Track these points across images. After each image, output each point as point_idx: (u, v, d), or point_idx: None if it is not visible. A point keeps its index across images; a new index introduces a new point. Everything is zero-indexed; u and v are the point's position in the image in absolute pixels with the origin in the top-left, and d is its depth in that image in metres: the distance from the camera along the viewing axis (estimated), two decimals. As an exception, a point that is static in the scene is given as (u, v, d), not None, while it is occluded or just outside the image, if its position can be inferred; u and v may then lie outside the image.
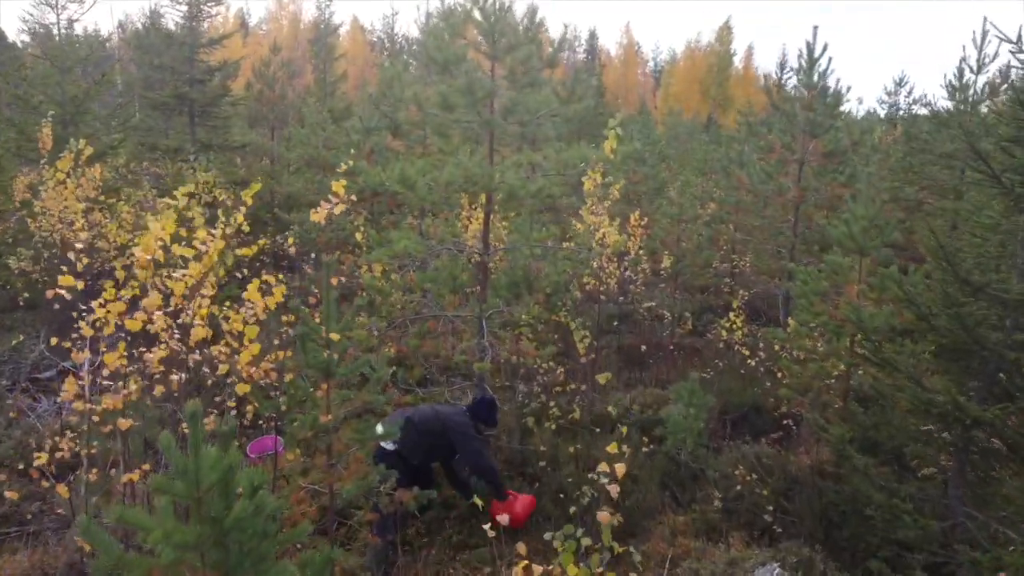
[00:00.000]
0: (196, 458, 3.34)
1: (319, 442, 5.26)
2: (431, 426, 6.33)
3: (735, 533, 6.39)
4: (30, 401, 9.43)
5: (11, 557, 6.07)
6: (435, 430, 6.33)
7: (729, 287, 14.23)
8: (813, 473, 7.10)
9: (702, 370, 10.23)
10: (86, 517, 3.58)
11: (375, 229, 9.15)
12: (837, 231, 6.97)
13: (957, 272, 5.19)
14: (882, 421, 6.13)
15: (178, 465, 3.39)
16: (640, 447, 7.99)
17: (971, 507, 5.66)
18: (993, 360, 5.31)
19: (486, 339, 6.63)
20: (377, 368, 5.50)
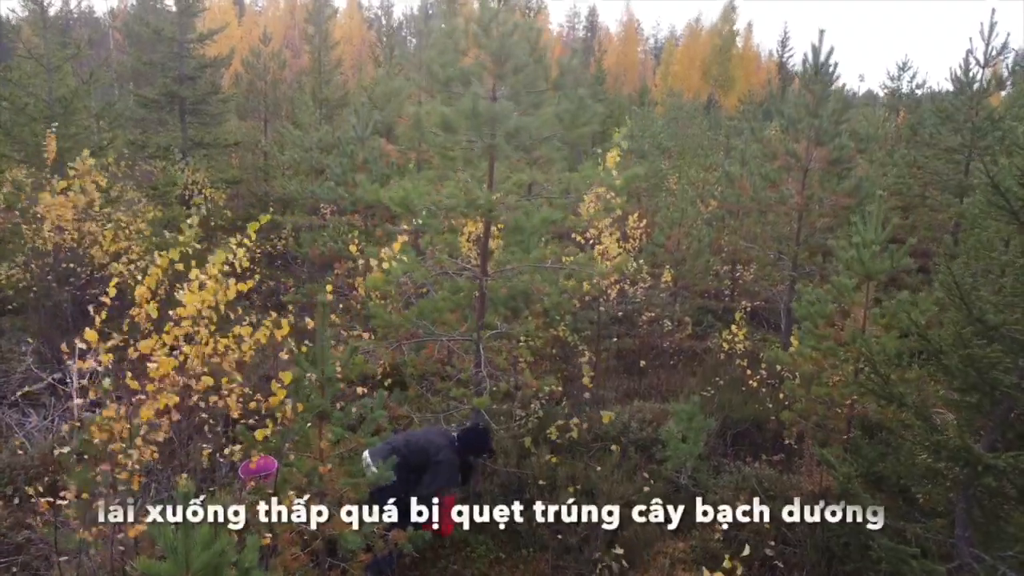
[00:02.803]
0: (186, 539, 3.22)
1: (313, 487, 5.13)
2: (420, 459, 6.18)
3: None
4: (19, 417, 9.28)
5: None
6: (423, 462, 6.19)
7: (731, 289, 14.09)
8: (816, 501, 6.96)
9: (703, 383, 10.10)
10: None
11: (370, 241, 8.96)
12: (845, 255, 6.81)
13: (971, 311, 5.02)
14: (888, 454, 5.99)
15: (167, 544, 3.26)
16: (638, 468, 7.87)
17: (978, 548, 5.54)
18: (1006, 401, 5.16)
19: (483, 369, 6.46)
20: (374, 410, 5.36)
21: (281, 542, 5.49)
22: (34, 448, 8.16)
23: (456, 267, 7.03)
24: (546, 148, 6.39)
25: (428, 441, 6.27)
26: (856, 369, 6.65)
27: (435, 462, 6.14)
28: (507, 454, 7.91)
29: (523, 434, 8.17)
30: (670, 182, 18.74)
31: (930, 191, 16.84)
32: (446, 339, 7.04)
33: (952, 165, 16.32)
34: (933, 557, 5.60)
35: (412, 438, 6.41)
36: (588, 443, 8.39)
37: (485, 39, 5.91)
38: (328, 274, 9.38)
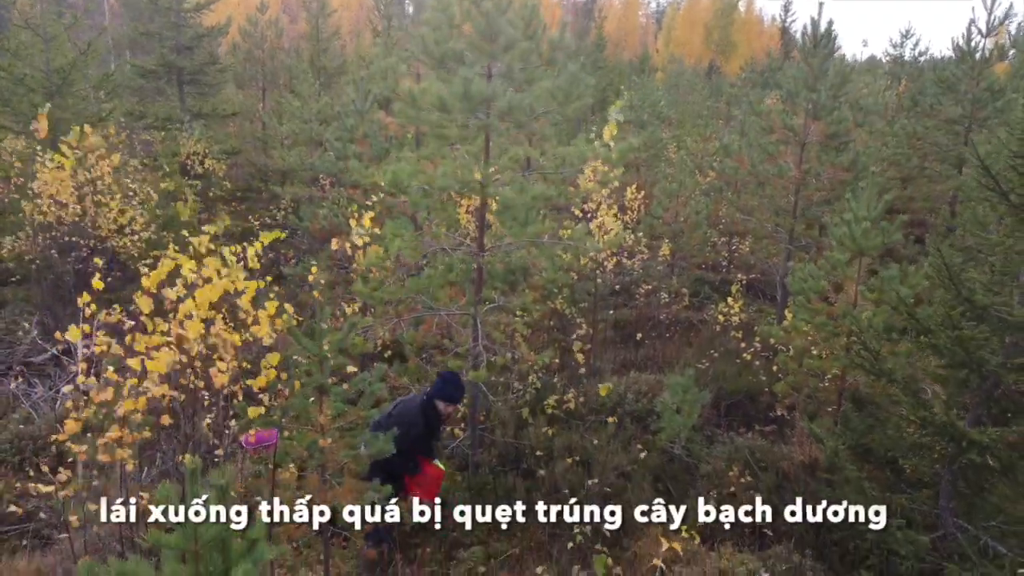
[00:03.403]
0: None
1: (313, 461, 5.26)
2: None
3: (726, 542, 6.44)
4: (25, 387, 9.42)
5: (10, 561, 6.11)
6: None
7: (728, 261, 14.16)
8: (806, 472, 7.14)
9: (698, 355, 10.24)
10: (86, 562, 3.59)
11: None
12: (837, 231, 6.88)
13: (960, 291, 5.12)
14: (876, 427, 6.13)
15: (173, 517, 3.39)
16: (633, 439, 8.03)
17: (962, 518, 5.71)
18: (992, 378, 5.28)
19: (481, 343, 6.56)
20: (372, 384, 5.47)
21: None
22: (41, 419, 8.31)
23: (453, 242, 7.10)
24: (540, 124, 6.42)
25: (399, 414, 6.17)
26: (847, 344, 6.76)
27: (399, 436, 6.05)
28: (505, 425, 8.07)
29: (521, 405, 8.32)
30: (669, 151, 18.72)
31: (929, 162, 16.84)
32: (444, 313, 7.14)
33: (952, 136, 16.30)
34: (918, 527, 5.76)
35: (394, 410, 6.36)
36: (584, 415, 8.54)
37: (478, 16, 5.92)
38: (327, 247, 9.45)
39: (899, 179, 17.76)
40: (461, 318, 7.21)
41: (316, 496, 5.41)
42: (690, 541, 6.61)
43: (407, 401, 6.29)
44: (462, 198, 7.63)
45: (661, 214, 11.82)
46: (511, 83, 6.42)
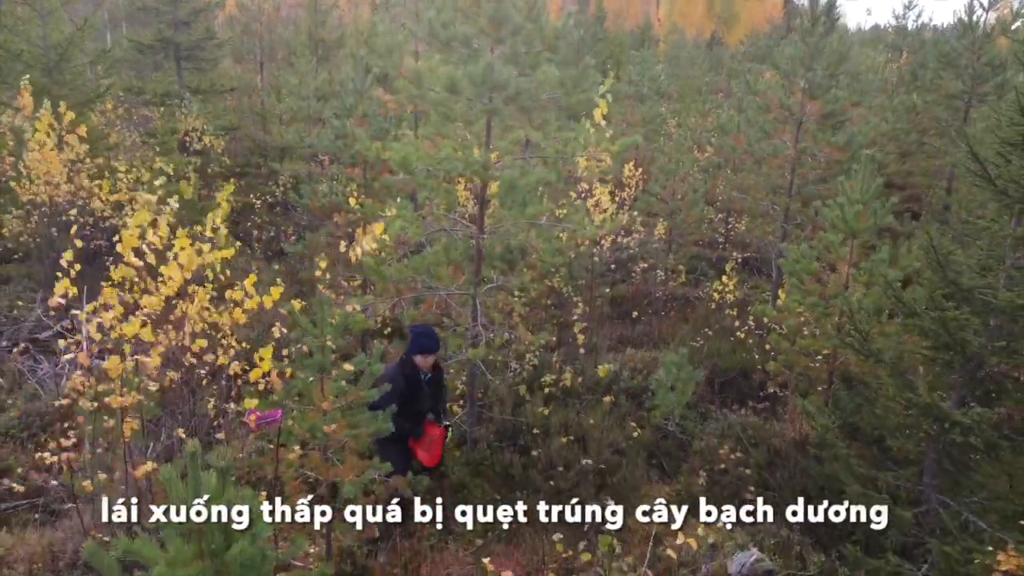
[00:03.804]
0: (196, 494, 3.48)
1: (315, 440, 5.41)
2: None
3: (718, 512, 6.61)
4: (31, 363, 9.57)
5: (21, 535, 6.28)
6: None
7: (724, 237, 14.24)
8: (796, 448, 7.31)
9: (693, 332, 10.37)
10: (92, 546, 3.74)
11: (368, 194, 9.10)
12: (830, 213, 6.98)
13: (947, 274, 5.24)
14: (865, 406, 6.28)
15: (177, 496, 3.53)
16: (628, 416, 8.19)
17: (945, 495, 5.88)
18: (975, 360, 5.41)
19: (479, 322, 6.69)
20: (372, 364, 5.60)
21: (288, 488, 5.83)
22: (47, 395, 8.46)
23: (452, 223, 7.20)
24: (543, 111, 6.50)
25: (380, 378, 5.98)
26: (838, 324, 6.89)
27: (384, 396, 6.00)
28: (503, 402, 8.23)
29: (518, 383, 8.47)
30: (669, 126, 18.71)
31: (928, 137, 16.87)
32: (444, 293, 7.26)
33: (951, 111, 16.31)
34: (902, 503, 5.93)
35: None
36: (581, 393, 8.69)
37: (486, 1, 5.97)
38: (327, 224, 9.54)
39: (897, 154, 17.81)
40: (460, 298, 7.33)
41: (319, 473, 5.59)
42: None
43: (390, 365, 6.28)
44: (463, 179, 7.71)
45: (658, 192, 11.89)
46: (515, 67, 6.48)
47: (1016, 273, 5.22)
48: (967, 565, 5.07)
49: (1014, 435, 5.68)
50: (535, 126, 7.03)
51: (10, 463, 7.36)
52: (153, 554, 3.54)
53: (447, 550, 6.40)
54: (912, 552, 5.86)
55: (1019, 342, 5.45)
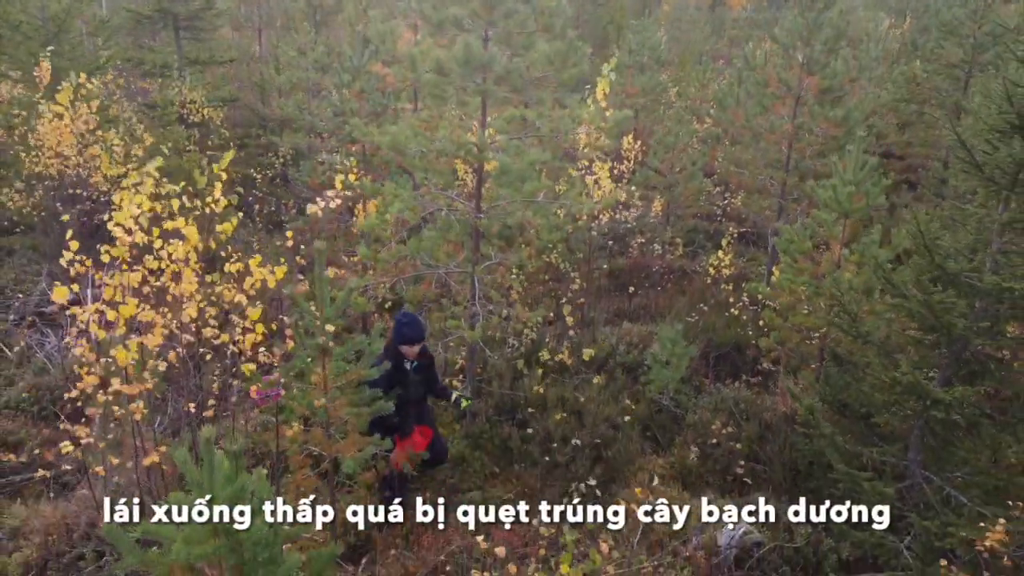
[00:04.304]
0: (210, 477, 3.64)
1: (317, 418, 5.59)
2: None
3: (709, 490, 6.83)
4: (38, 336, 9.74)
5: (35, 507, 6.49)
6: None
7: (722, 210, 14.33)
8: (786, 422, 7.49)
9: (689, 307, 10.52)
10: (110, 524, 3.93)
11: (367, 170, 9.18)
12: (824, 194, 7.07)
13: (934, 258, 5.37)
14: (853, 384, 6.44)
15: (193, 479, 3.71)
16: (624, 389, 8.37)
17: (929, 470, 6.07)
18: (960, 341, 5.56)
19: (478, 302, 6.83)
20: (372, 343, 5.76)
21: (292, 463, 6.03)
22: (56, 369, 8.64)
23: (450, 202, 7.29)
24: (538, 89, 6.56)
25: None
26: (829, 304, 7.03)
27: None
28: (501, 377, 8.40)
29: (516, 357, 8.63)
30: (670, 95, 18.66)
31: (928, 107, 16.88)
32: (443, 271, 7.38)
33: (952, 81, 16.30)
34: (887, 477, 6.13)
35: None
36: (577, 367, 8.86)
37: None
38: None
39: (897, 124, 17.82)
40: (459, 276, 7.46)
41: (322, 448, 5.77)
42: (674, 488, 7.03)
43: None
44: (460, 161, 7.80)
45: (657, 165, 11.95)
46: (508, 48, 6.53)
47: (1001, 257, 5.34)
48: (945, 539, 5.29)
49: (996, 413, 5.87)
50: (529, 104, 7.10)
51: (22, 436, 7.55)
52: (170, 533, 3.72)
53: (449, 525, 6.61)
54: (896, 525, 6.05)
55: (1003, 324, 5.60)
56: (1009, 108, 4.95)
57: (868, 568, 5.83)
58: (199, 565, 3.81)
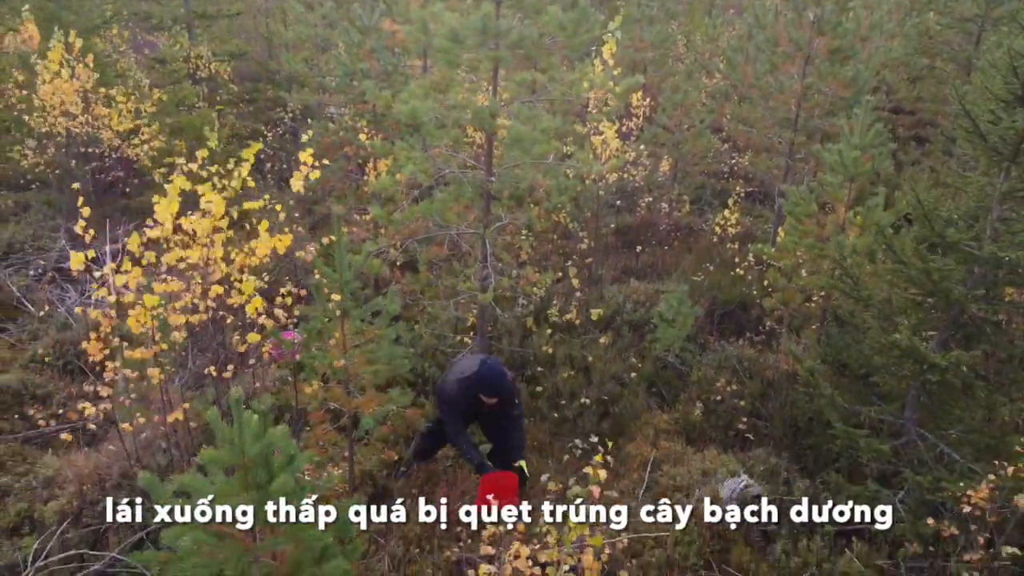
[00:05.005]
0: (241, 435, 3.87)
1: (336, 376, 5.82)
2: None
3: (712, 445, 7.09)
4: (58, 292, 9.99)
5: (68, 457, 6.79)
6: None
7: (729, 168, 14.37)
8: (788, 381, 7.73)
9: (695, 266, 10.68)
10: (147, 475, 4.18)
11: (378, 129, 9.27)
12: (830, 157, 7.18)
13: (934, 227, 5.52)
14: (853, 345, 6.65)
15: (223, 436, 3.94)
16: (631, 347, 8.60)
17: (924, 428, 6.31)
18: (957, 306, 5.74)
19: (489, 265, 7.01)
20: (389, 304, 5.97)
21: (312, 419, 6.30)
22: (78, 324, 8.89)
23: (462, 164, 7.41)
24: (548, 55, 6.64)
25: (443, 389, 6.17)
26: (832, 267, 7.19)
27: (439, 399, 6.26)
28: (511, 334, 8.63)
29: (526, 315, 8.85)
30: (678, 47, 18.50)
31: (939, 62, 16.73)
32: (454, 232, 7.55)
33: (964, 36, 16.12)
34: (883, 435, 6.38)
35: (450, 372, 6.35)
36: (585, 325, 9.07)
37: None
38: (339, 159, 9.74)
39: (907, 79, 17.68)
40: (470, 238, 7.62)
41: (341, 404, 6.03)
42: (678, 443, 7.30)
43: (460, 368, 6.14)
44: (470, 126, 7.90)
45: (665, 122, 11.99)
46: (520, 11, 6.58)
47: (1001, 225, 5.49)
48: (936, 493, 5.55)
49: (990, 374, 6.08)
50: (540, 69, 7.16)
51: (49, 390, 7.84)
52: (204, 487, 3.97)
53: (461, 472, 6.90)
54: (891, 480, 6.33)
55: (1000, 289, 5.77)
56: (1014, 79, 5.05)
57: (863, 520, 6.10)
58: (232, 520, 4.06)
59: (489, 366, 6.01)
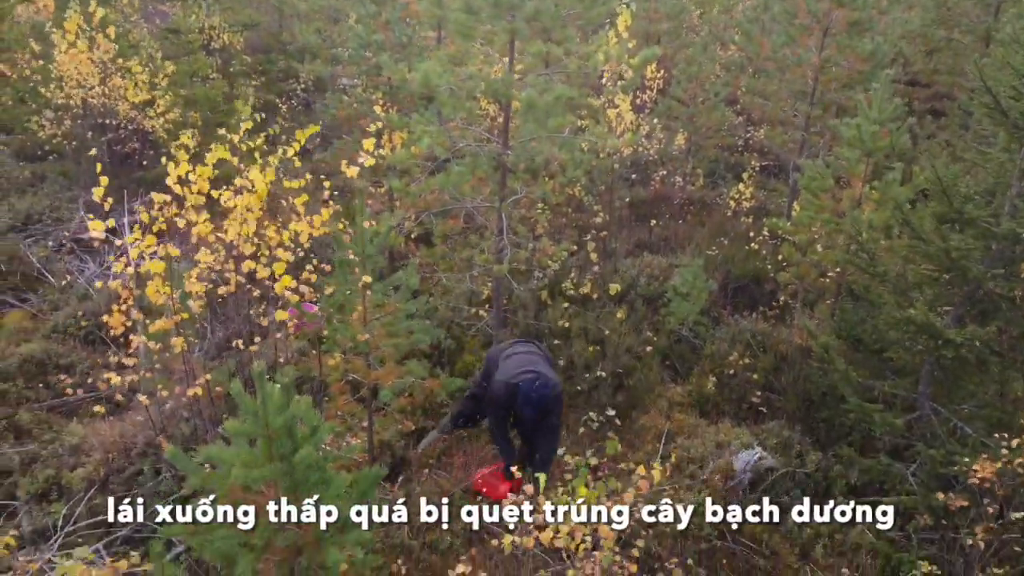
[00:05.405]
0: (265, 407, 3.96)
1: (357, 348, 5.90)
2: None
3: (725, 418, 7.17)
4: (77, 263, 10.10)
5: (92, 425, 6.93)
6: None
7: (744, 141, 14.29)
8: (801, 355, 7.78)
9: (709, 240, 10.69)
10: (173, 448, 4.28)
11: (393, 101, 9.26)
12: (848, 132, 7.15)
13: (952, 203, 5.53)
14: (868, 320, 6.69)
15: (248, 408, 4.03)
16: (645, 321, 8.64)
17: (938, 403, 6.36)
18: (973, 282, 5.76)
19: (506, 237, 7.05)
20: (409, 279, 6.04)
21: (333, 390, 6.41)
22: (98, 295, 9.00)
23: (478, 137, 7.42)
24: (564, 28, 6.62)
25: (492, 387, 6.12)
26: (848, 242, 7.20)
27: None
28: (526, 307, 8.69)
29: (541, 288, 8.90)
30: (693, 17, 18.30)
31: (956, 34, 16.51)
32: (470, 205, 7.58)
33: (983, 7, 15.90)
34: (896, 409, 6.43)
35: (502, 357, 6.38)
36: (600, 298, 9.11)
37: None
38: (354, 131, 9.75)
39: (924, 51, 17.45)
40: (485, 211, 7.66)
41: (361, 376, 6.12)
42: (692, 416, 7.39)
43: (511, 368, 6.11)
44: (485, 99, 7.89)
45: (680, 95, 11.92)
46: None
47: (1020, 202, 5.49)
48: (948, 467, 5.62)
49: (1004, 350, 6.11)
50: (555, 41, 7.14)
51: (72, 359, 7.97)
52: (231, 457, 4.06)
53: (477, 442, 7.01)
54: (903, 454, 6.40)
55: (1017, 266, 5.78)
56: (1037, 54, 5.02)
57: (875, 492, 6.19)
58: (256, 487, 4.17)
59: (536, 385, 5.87)
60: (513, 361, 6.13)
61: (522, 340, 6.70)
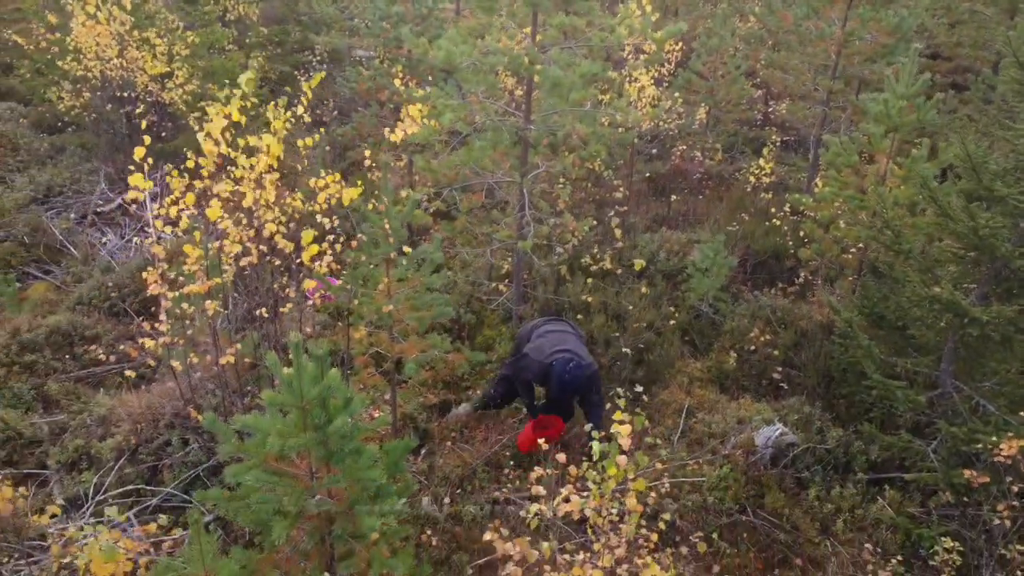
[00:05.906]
0: (300, 379, 4.02)
1: (382, 322, 5.95)
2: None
3: (746, 394, 7.19)
4: (98, 235, 10.16)
5: (120, 396, 7.03)
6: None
7: (763, 115, 14.16)
8: (822, 331, 7.78)
9: (728, 216, 10.64)
10: (211, 415, 4.35)
11: (413, 74, 9.22)
12: (875, 107, 7.08)
13: (982, 180, 5.49)
14: (891, 297, 6.67)
15: (284, 380, 4.08)
16: (664, 296, 8.64)
17: (960, 380, 6.36)
18: (1000, 260, 5.73)
19: (528, 212, 7.05)
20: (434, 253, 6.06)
21: (358, 363, 6.47)
22: (120, 267, 9.08)
23: (500, 112, 7.39)
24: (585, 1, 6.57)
25: (528, 364, 6.17)
26: (872, 218, 7.16)
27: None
28: (546, 282, 8.71)
29: (561, 263, 8.91)
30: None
31: (979, 5, 16.24)
32: (491, 180, 7.57)
33: (1008, -22, 15.61)
34: (918, 387, 6.44)
35: (536, 335, 6.44)
36: (619, 274, 9.12)
37: None
38: (372, 104, 9.72)
39: (948, 23, 17.18)
40: (506, 186, 7.65)
41: (386, 349, 6.17)
42: (712, 392, 7.42)
43: (545, 346, 6.15)
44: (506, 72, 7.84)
45: (700, 68, 11.81)
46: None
47: (1049, 179, 5.44)
48: (970, 444, 5.63)
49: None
50: (577, 14, 7.07)
51: (97, 331, 8.06)
52: (266, 427, 4.13)
53: (498, 417, 7.07)
54: (924, 431, 6.42)
55: (1045, 243, 5.74)
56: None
57: (895, 469, 6.22)
58: (290, 455, 4.24)
59: (570, 367, 5.87)
60: (547, 340, 6.15)
61: (553, 318, 6.72)
